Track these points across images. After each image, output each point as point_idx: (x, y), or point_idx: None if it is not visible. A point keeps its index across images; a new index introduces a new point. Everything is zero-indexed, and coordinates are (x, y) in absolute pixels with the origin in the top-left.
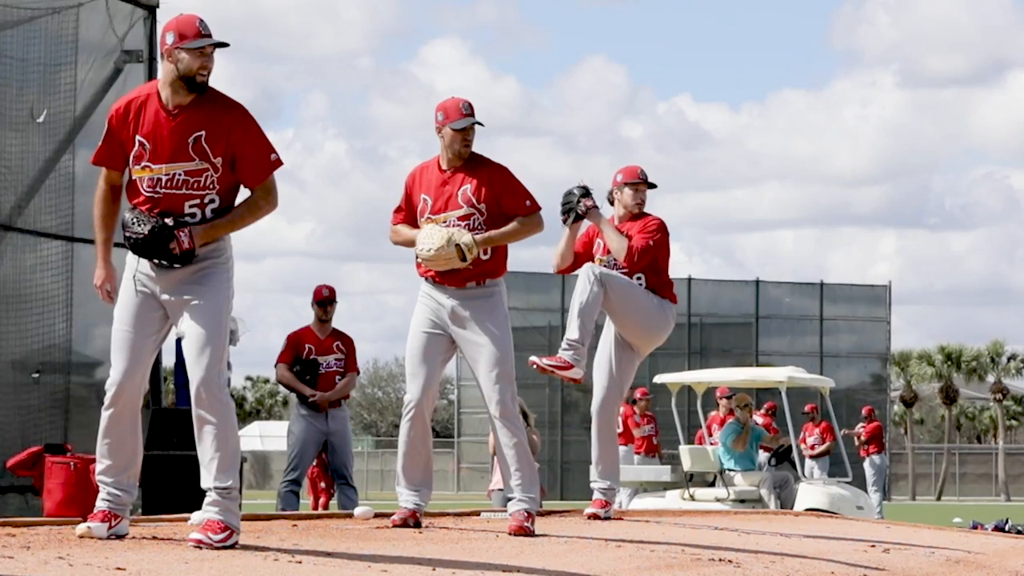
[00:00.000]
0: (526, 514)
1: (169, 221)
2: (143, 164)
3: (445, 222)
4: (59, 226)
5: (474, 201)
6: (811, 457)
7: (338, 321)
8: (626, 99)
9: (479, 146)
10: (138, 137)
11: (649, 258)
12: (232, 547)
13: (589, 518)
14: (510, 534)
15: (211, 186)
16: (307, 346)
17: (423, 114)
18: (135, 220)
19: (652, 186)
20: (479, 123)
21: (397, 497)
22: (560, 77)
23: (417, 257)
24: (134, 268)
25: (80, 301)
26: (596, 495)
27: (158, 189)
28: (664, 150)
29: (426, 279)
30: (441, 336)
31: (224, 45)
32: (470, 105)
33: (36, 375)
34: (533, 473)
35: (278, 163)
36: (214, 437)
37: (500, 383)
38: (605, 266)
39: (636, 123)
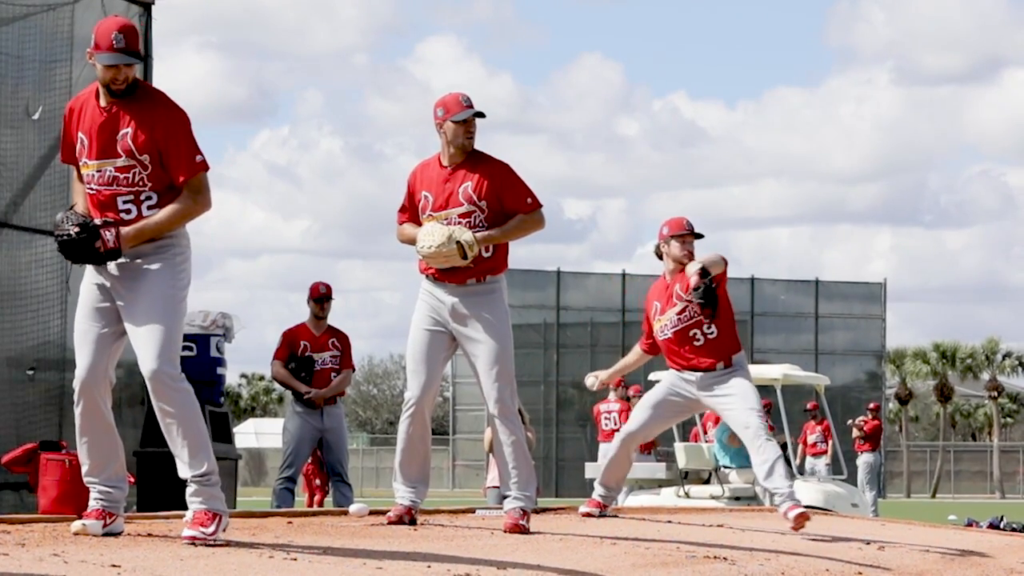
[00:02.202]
0: (522, 512)
1: (97, 221)
2: (83, 160)
3: (446, 219)
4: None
5: (475, 198)
6: (813, 455)
7: (333, 318)
8: (622, 96)
9: (476, 143)
10: (79, 133)
11: (725, 265)
12: (224, 531)
13: (584, 516)
14: (505, 532)
15: (141, 183)
16: (303, 343)
17: (419, 111)
18: (64, 219)
19: (699, 236)
20: (481, 114)
21: (394, 493)
22: (556, 74)
23: (418, 254)
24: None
25: (75, 298)
26: (595, 496)
27: (92, 185)
28: (660, 147)
29: (427, 276)
30: (442, 334)
31: (138, 60)
32: (469, 98)
33: (31, 372)
34: (530, 471)
35: (203, 166)
36: (178, 427)
37: (500, 381)
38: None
39: (632, 120)
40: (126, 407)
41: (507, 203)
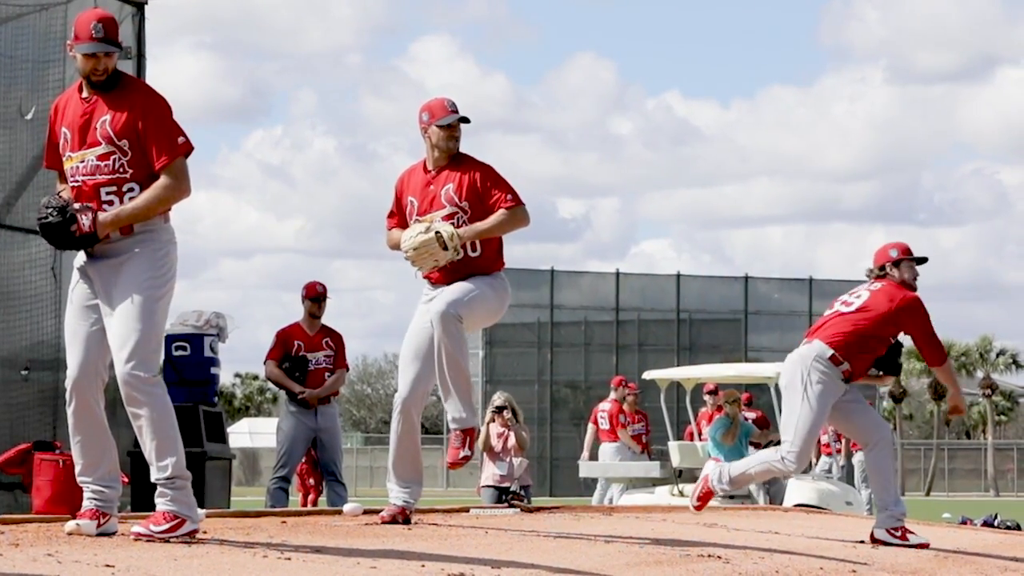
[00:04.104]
0: (462, 436)
1: (76, 206)
2: (66, 155)
3: (430, 222)
4: None
5: (456, 200)
6: (827, 455)
7: (327, 318)
8: (615, 95)
9: (468, 143)
10: (63, 128)
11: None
12: (187, 537)
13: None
14: (448, 467)
15: (122, 170)
16: (296, 343)
17: (413, 111)
18: (46, 203)
19: (923, 260)
20: (465, 119)
21: (388, 493)
22: (550, 74)
23: (404, 256)
24: (77, 259)
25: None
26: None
27: (76, 177)
28: (653, 146)
29: (427, 281)
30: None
31: (117, 49)
32: (454, 103)
33: (25, 372)
34: (466, 384)
35: (186, 146)
36: (146, 429)
37: (449, 300)
38: None
39: (625, 119)
40: (119, 406)
41: (488, 201)
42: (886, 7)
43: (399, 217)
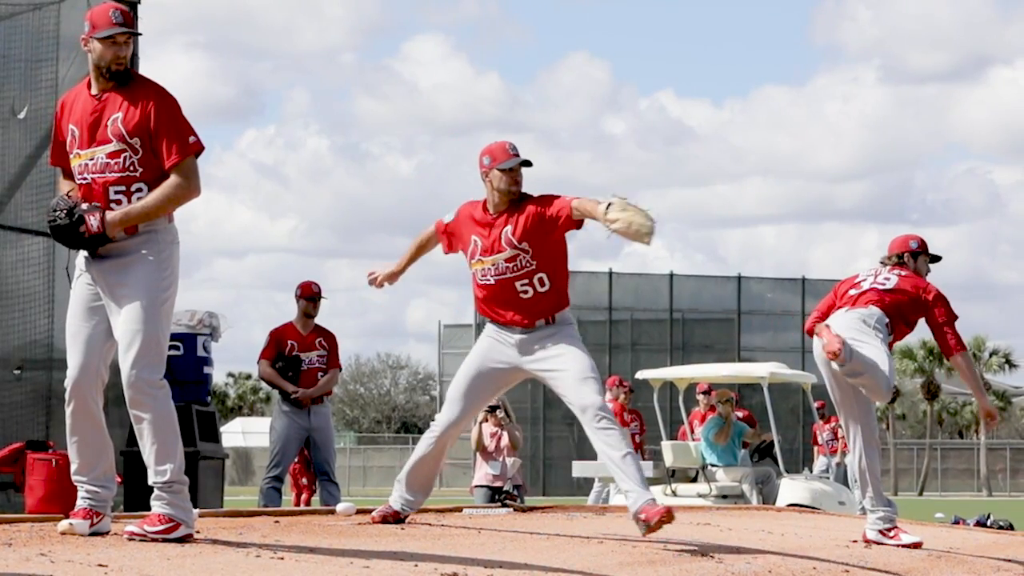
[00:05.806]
0: (654, 503)
1: (84, 206)
2: (74, 152)
3: (493, 264)
4: (41, 222)
5: (515, 242)
6: (824, 455)
7: (320, 317)
8: (609, 95)
9: (462, 143)
10: (71, 126)
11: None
12: (181, 540)
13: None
14: (651, 525)
15: (132, 168)
16: (289, 342)
17: (406, 110)
18: (54, 205)
19: (937, 259)
20: (528, 162)
21: (391, 493)
22: (543, 73)
23: (617, 229)
24: (80, 258)
25: (62, 298)
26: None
27: (85, 175)
28: (646, 146)
29: (493, 323)
30: (498, 372)
31: (136, 35)
32: (515, 146)
33: (18, 371)
34: (639, 463)
35: (197, 146)
36: (148, 433)
37: (596, 388)
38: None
39: (619, 119)
40: (113, 406)
41: (555, 220)
42: (878, 7)
43: (449, 241)
